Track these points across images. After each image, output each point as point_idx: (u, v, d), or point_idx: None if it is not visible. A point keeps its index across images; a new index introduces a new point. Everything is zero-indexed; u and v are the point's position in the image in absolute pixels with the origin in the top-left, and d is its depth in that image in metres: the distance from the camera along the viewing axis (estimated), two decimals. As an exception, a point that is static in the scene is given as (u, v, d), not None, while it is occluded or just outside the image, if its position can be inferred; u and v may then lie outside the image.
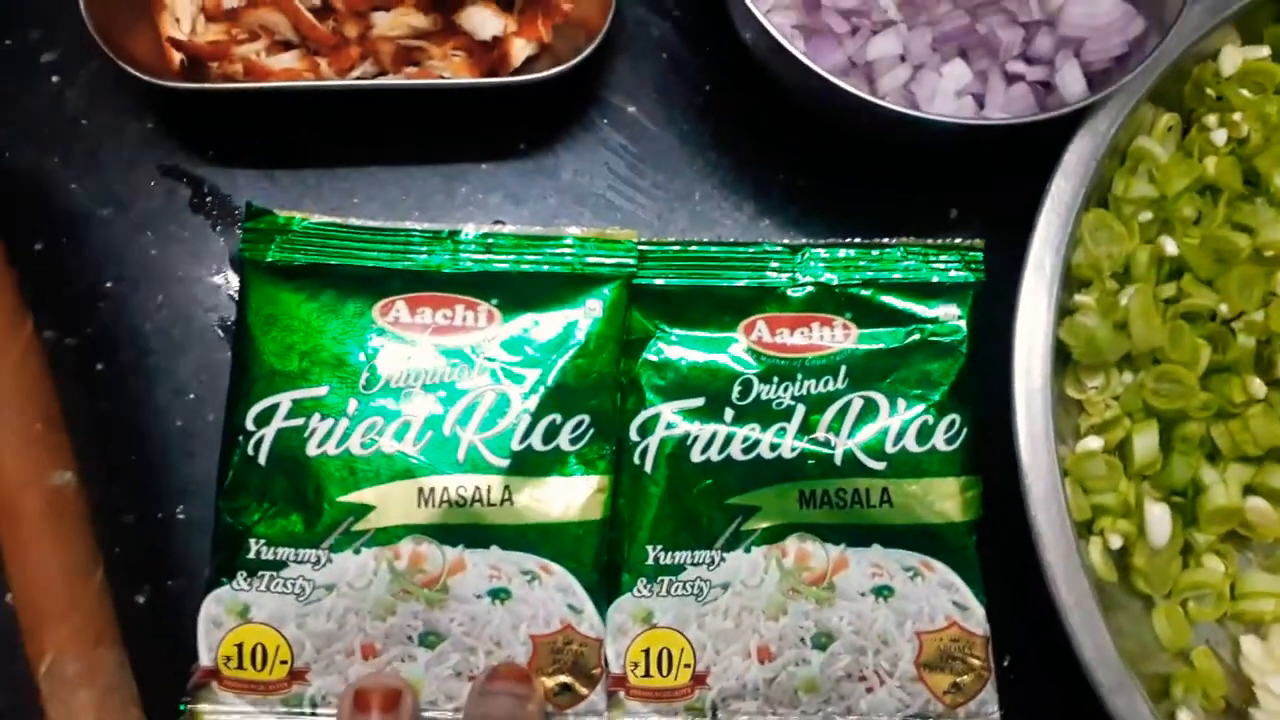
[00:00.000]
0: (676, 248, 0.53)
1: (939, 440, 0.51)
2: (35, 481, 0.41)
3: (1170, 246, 0.52)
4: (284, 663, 0.48)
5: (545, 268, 0.52)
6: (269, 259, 0.51)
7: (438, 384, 0.50)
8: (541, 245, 0.52)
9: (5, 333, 0.42)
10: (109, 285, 0.53)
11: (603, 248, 0.52)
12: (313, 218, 0.51)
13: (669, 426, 0.51)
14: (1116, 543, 0.50)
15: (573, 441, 0.50)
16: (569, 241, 0.52)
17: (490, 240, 0.52)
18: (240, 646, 0.48)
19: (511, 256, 0.52)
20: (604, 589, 0.50)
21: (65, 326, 0.52)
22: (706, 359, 0.52)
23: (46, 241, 0.53)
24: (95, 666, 0.41)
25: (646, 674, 0.49)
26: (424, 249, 0.52)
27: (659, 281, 0.53)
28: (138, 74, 0.49)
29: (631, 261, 0.52)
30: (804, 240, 0.54)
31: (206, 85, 0.50)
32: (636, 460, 0.51)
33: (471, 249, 0.52)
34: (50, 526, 0.41)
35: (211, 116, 0.55)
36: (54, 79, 0.55)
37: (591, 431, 0.50)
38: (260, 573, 0.48)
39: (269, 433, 0.49)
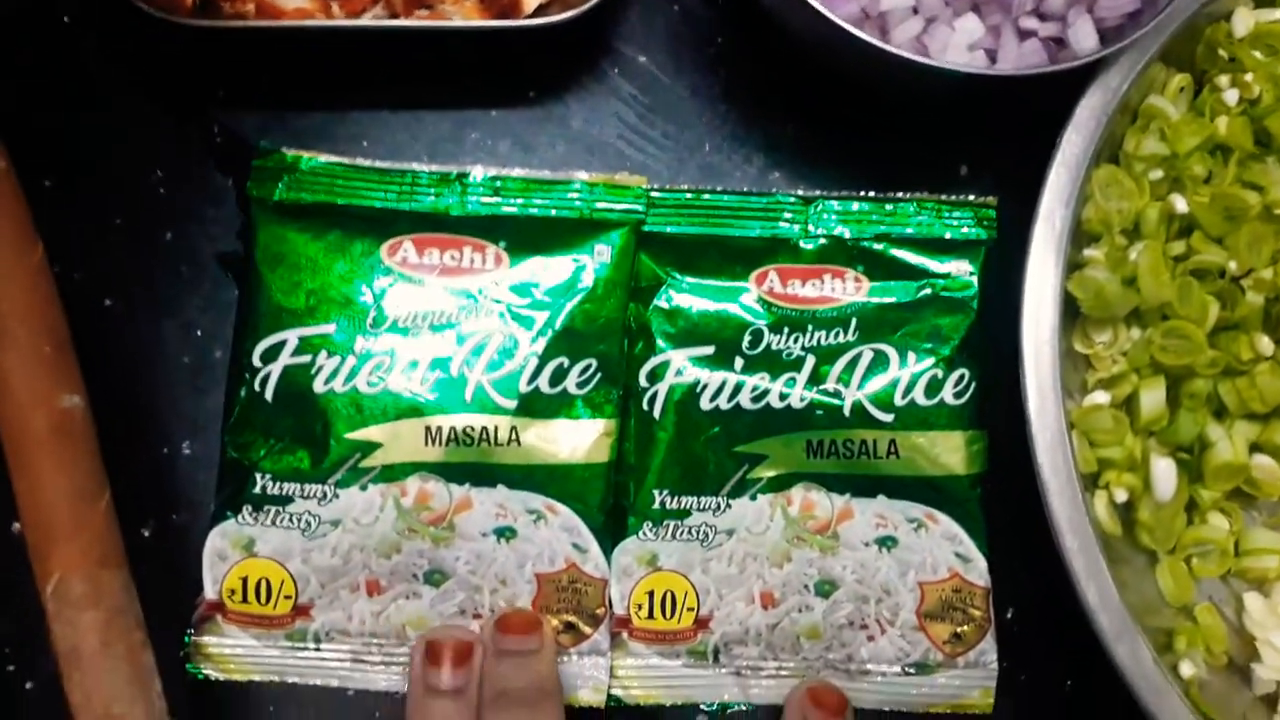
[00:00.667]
0: (690, 196, 0.53)
1: (947, 394, 0.52)
2: (44, 403, 0.41)
3: (1180, 204, 0.52)
4: (288, 598, 0.48)
5: (554, 212, 0.52)
6: (276, 198, 0.51)
7: (445, 324, 0.50)
8: (550, 190, 0.52)
9: (17, 256, 0.42)
10: (118, 221, 0.53)
11: (612, 194, 0.52)
12: (321, 157, 0.51)
13: (679, 373, 0.51)
14: (1122, 496, 0.50)
15: (580, 385, 0.50)
16: (578, 187, 0.52)
17: (499, 184, 0.52)
18: (245, 580, 0.48)
19: (520, 200, 0.52)
20: (609, 531, 0.50)
21: (74, 262, 0.52)
22: (718, 307, 0.52)
23: (56, 179, 0.53)
24: (101, 588, 0.41)
25: (650, 616, 0.49)
26: (432, 191, 0.52)
27: (672, 229, 0.53)
28: (150, 10, 0.49)
29: (640, 208, 0.52)
30: (817, 193, 0.54)
31: (218, 22, 0.50)
32: (645, 406, 0.51)
33: (480, 191, 0.52)
34: (58, 447, 0.41)
35: (222, 57, 0.55)
36: (65, 19, 0.55)
37: (599, 376, 0.50)
38: (266, 507, 0.48)
39: (275, 369, 0.49)
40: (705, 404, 0.51)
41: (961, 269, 0.53)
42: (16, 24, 0.54)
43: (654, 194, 0.53)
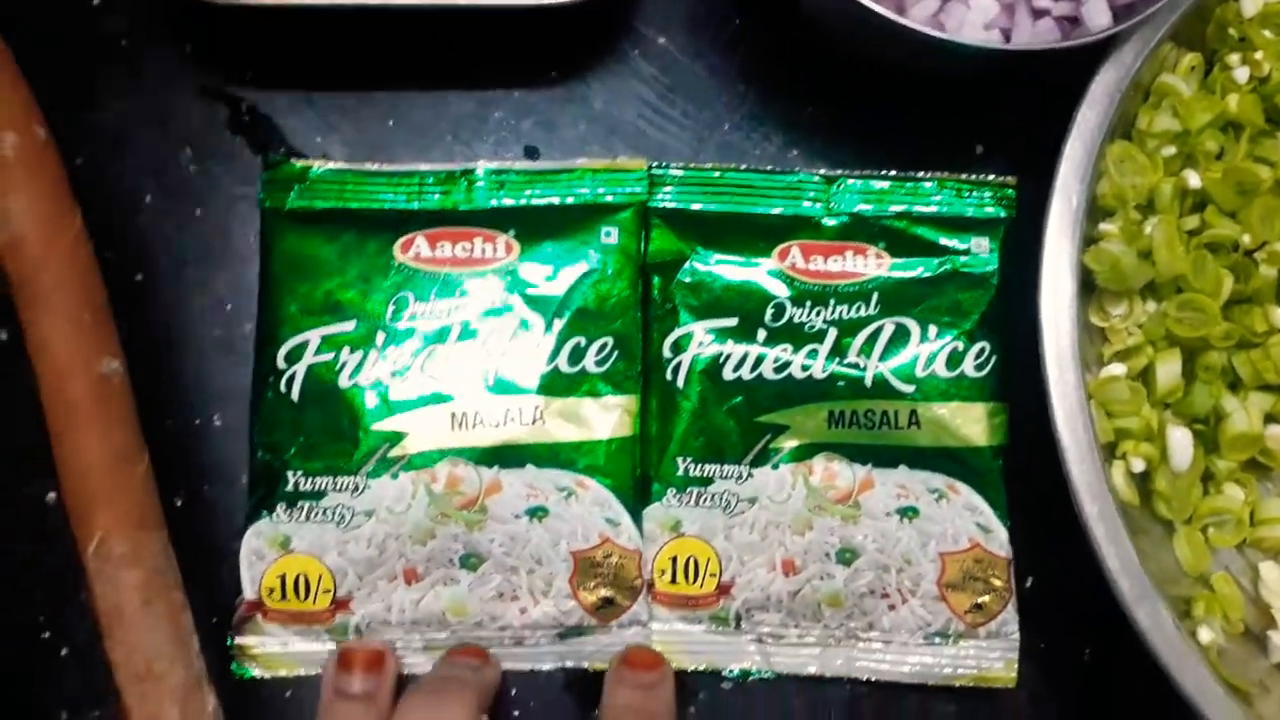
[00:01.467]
0: (716, 174, 0.54)
1: (968, 366, 0.52)
2: (84, 368, 0.42)
3: (1193, 179, 0.53)
4: (327, 592, 0.48)
5: (559, 200, 0.53)
6: (289, 206, 0.52)
7: (463, 313, 0.51)
8: (554, 179, 0.53)
9: (57, 222, 0.43)
10: (148, 199, 0.54)
11: (614, 177, 0.53)
12: (329, 165, 0.53)
13: (702, 344, 0.52)
14: (1139, 466, 0.50)
15: (599, 363, 0.51)
16: (581, 174, 0.53)
17: (504, 178, 0.53)
18: (283, 578, 0.48)
19: (525, 191, 0.53)
20: (640, 503, 0.51)
21: (104, 238, 0.52)
22: (740, 281, 0.52)
23: (87, 156, 0.53)
24: (141, 549, 0.42)
25: (673, 581, 0.50)
26: (439, 189, 0.53)
27: (696, 206, 0.54)
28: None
29: (642, 189, 0.53)
30: (839, 171, 0.54)
31: (244, 1, 0.51)
32: (669, 376, 0.52)
33: (486, 186, 0.53)
34: (98, 411, 0.42)
35: (250, 38, 0.56)
36: (96, 4, 0.56)
37: (616, 353, 0.51)
38: (300, 504, 0.49)
39: (300, 369, 0.50)
40: (728, 374, 0.51)
41: (982, 246, 0.53)
42: (46, 3, 0.55)
43: (679, 171, 0.54)
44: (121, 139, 0.54)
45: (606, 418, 0.51)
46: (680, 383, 0.51)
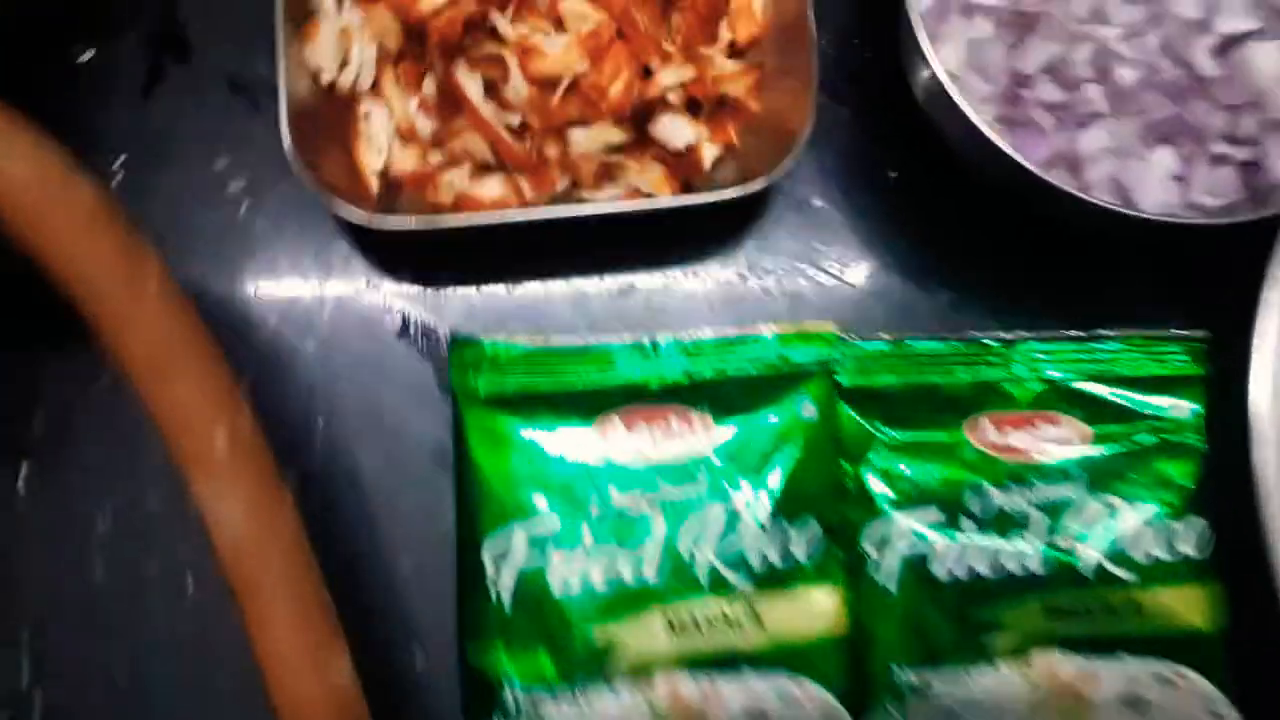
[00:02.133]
0: (890, 345, 0.52)
1: (1183, 545, 0.50)
2: (319, 679, 0.38)
3: (1388, 323, 0.51)
4: None
5: (750, 369, 0.51)
6: (480, 389, 0.50)
7: (665, 502, 0.49)
8: (742, 346, 0.51)
9: (273, 518, 0.39)
10: (319, 420, 0.52)
11: (803, 342, 0.51)
12: (518, 342, 0.50)
13: (905, 539, 0.50)
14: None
15: (807, 552, 0.49)
16: (769, 339, 0.51)
17: (691, 347, 0.51)
18: None
19: (715, 361, 0.51)
20: (856, 707, 0.49)
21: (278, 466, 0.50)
22: (936, 465, 0.50)
23: (251, 377, 0.51)
24: None
25: (909, 799, 0.48)
26: (628, 363, 0.51)
27: (873, 382, 0.51)
28: (344, 203, 0.47)
29: (834, 353, 0.51)
30: (1019, 334, 0.52)
31: (426, 224, 0.48)
32: (873, 575, 0.50)
33: (674, 358, 0.51)
34: (335, 720, 0.39)
35: (406, 241, 0.53)
36: (244, 208, 0.54)
37: (823, 539, 0.49)
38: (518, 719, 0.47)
39: (509, 573, 0.47)
40: (935, 570, 0.49)
41: (1182, 409, 0.51)
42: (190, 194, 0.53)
43: (850, 346, 0.52)
44: (284, 355, 0.52)
45: (820, 613, 0.48)
46: (886, 583, 0.49)
